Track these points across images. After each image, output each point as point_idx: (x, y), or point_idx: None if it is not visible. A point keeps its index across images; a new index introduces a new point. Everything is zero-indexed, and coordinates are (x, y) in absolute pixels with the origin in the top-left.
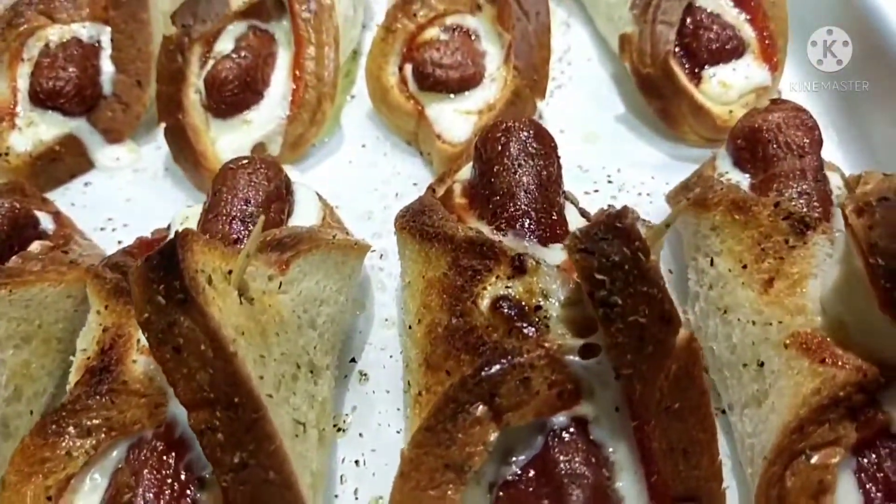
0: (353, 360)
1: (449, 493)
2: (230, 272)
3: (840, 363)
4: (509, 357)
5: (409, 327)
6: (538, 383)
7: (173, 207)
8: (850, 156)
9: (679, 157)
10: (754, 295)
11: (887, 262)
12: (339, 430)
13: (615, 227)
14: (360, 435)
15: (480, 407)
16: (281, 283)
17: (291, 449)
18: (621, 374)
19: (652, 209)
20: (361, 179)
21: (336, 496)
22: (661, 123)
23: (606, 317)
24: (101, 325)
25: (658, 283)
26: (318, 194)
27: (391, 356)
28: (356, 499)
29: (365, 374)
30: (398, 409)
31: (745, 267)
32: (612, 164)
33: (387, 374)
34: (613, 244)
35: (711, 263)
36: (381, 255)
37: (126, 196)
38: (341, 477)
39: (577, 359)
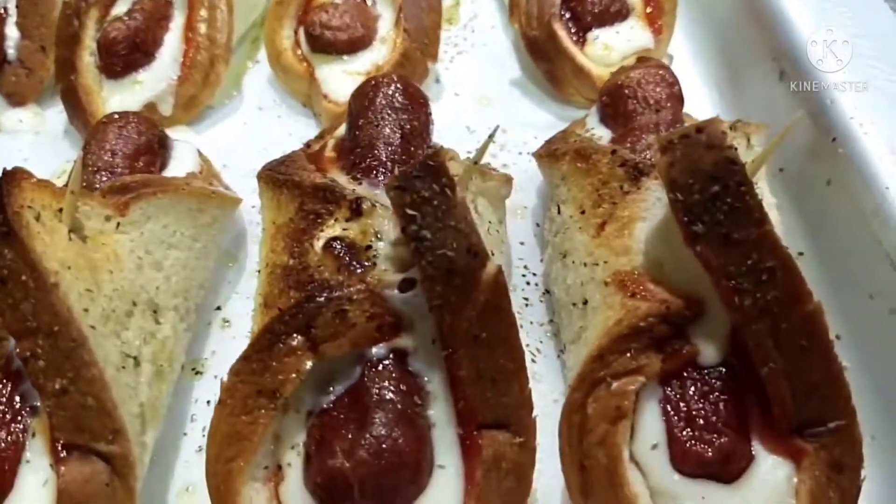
0: (218, 307)
1: (260, 419)
2: (61, 210)
3: (647, 297)
4: (329, 291)
5: (258, 272)
6: (355, 316)
7: (67, 167)
8: (727, 113)
9: (565, 118)
10: (588, 238)
11: (685, 196)
12: (196, 372)
13: (428, 165)
14: (215, 377)
15: (297, 338)
16: (119, 224)
17: (116, 379)
18: (432, 305)
19: (531, 167)
20: (252, 140)
21: (185, 434)
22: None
23: (417, 250)
24: None
25: (465, 218)
26: (198, 151)
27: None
28: (203, 436)
29: (227, 321)
30: None
31: (583, 212)
32: (500, 125)
33: (250, 322)
34: (425, 181)
35: (559, 211)
36: (260, 211)
37: (24, 157)
38: (192, 416)
39: (396, 292)
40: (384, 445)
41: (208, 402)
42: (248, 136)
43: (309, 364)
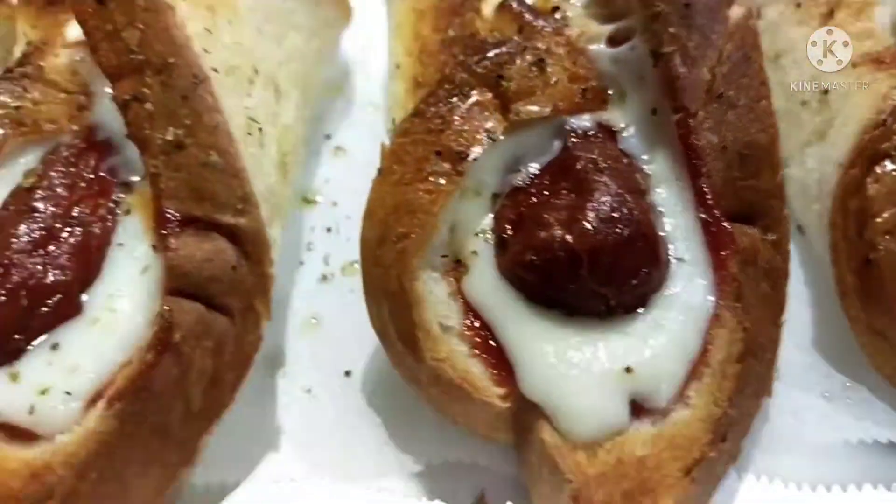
0: (328, 136)
1: (442, 187)
2: None
3: None
4: (520, 39)
5: (397, 66)
6: (556, 71)
7: None
8: None
9: None
10: (810, 30)
11: None
12: (307, 201)
13: None
14: (335, 204)
15: (484, 91)
16: None
17: (244, 143)
18: (663, 53)
19: None
20: None
21: (301, 262)
22: None
23: None
24: (25, 43)
25: None
26: None
27: (376, 135)
28: (326, 264)
29: (342, 149)
30: None
31: (798, 6)
32: None
33: (368, 151)
34: None
35: (759, 16)
36: (364, 47)
37: None
38: (308, 244)
39: (603, 47)
40: (615, 214)
41: (328, 229)
42: None
43: (499, 126)
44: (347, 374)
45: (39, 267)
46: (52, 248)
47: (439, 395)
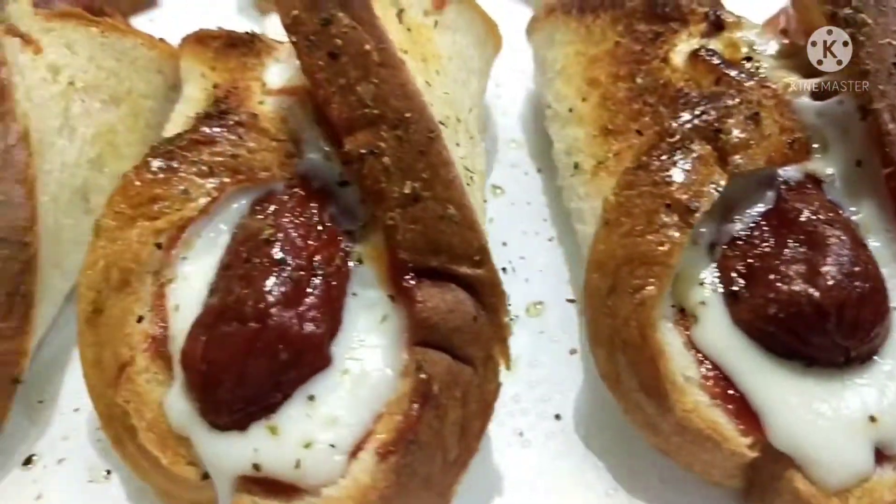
0: None
1: (675, 237)
2: None
3: None
4: (734, 93)
5: (570, 110)
6: (769, 124)
7: None
8: None
9: None
10: None
11: None
12: None
13: None
14: (504, 244)
15: (704, 146)
16: (437, 23)
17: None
18: (870, 109)
19: None
20: None
21: None
22: None
23: (853, 39)
24: (210, 85)
25: None
26: None
27: (526, 173)
28: (509, 305)
29: (500, 188)
30: (545, 220)
31: None
32: None
33: (524, 189)
34: None
35: None
36: (497, 84)
37: None
38: None
39: (808, 101)
40: (857, 268)
41: (503, 269)
42: None
43: (721, 179)
44: (557, 417)
45: (295, 320)
46: (302, 299)
47: (682, 443)
